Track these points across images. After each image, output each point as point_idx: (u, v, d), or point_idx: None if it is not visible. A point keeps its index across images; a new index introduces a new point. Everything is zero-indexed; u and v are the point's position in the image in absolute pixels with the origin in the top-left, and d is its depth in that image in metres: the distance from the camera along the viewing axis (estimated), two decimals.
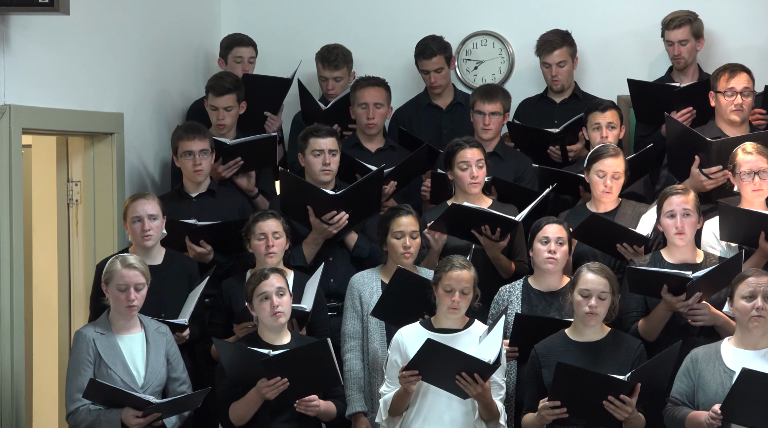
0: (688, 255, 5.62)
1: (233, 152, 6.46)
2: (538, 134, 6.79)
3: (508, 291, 5.69)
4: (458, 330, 5.32)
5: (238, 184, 6.55)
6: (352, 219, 6.07)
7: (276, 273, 5.38)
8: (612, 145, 6.10)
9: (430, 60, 7.12)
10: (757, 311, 4.99)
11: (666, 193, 5.66)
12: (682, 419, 5.02)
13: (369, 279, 5.86)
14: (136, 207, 5.72)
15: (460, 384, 5.10)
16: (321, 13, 7.69)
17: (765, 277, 5.04)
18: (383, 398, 5.31)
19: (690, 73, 6.95)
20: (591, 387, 4.98)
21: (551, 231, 5.61)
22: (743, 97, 6.27)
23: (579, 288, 5.22)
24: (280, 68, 7.23)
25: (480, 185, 6.10)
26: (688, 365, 5.10)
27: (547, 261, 5.57)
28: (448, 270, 5.29)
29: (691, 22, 6.89)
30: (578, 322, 5.27)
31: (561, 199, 6.48)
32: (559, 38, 7.03)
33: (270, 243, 5.75)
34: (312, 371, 5.20)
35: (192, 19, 7.51)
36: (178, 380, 5.39)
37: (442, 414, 5.24)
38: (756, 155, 5.77)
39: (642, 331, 5.53)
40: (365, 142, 6.75)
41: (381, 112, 6.72)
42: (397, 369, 5.23)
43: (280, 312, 5.32)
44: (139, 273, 5.28)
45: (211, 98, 6.61)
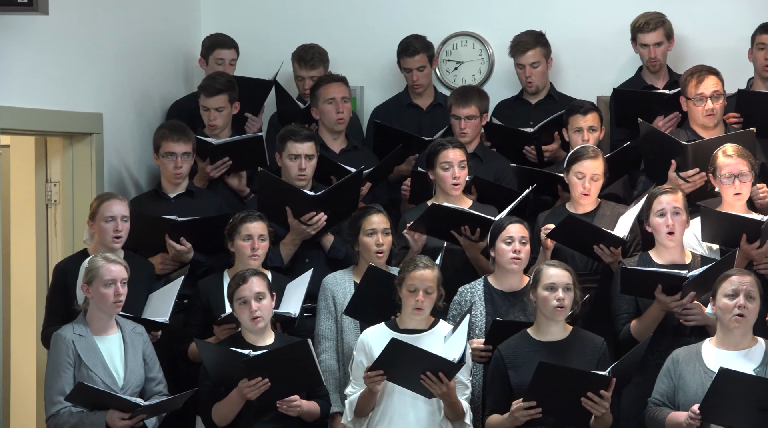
0: (676, 256, 5.64)
1: (219, 152, 6.45)
2: (513, 134, 6.80)
3: (469, 291, 5.68)
4: (423, 330, 5.31)
5: (230, 184, 6.56)
6: (330, 220, 6.08)
7: (257, 277, 5.37)
8: (592, 147, 6.10)
9: (412, 58, 7.13)
10: (739, 309, 5.01)
11: (654, 192, 5.67)
12: (662, 420, 5.03)
13: (342, 279, 5.87)
14: (111, 207, 5.69)
15: (425, 384, 5.09)
16: (301, 13, 7.69)
17: (748, 277, 5.06)
18: (349, 399, 5.29)
19: (661, 74, 6.97)
20: (571, 385, 4.99)
21: (514, 230, 5.61)
22: (713, 102, 6.28)
23: (544, 284, 5.21)
24: (260, 69, 7.23)
25: (461, 186, 6.11)
26: (669, 366, 5.12)
27: (512, 261, 5.57)
28: (412, 270, 5.28)
29: (664, 23, 6.91)
30: (542, 321, 5.27)
31: (540, 199, 6.49)
32: (533, 39, 7.04)
33: (255, 246, 5.75)
34: (293, 371, 5.20)
35: (171, 19, 7.49)
36: (154, 380, 5.37)
37: (407, 414, 5.23)
38: (736, 158, 5.79)
39: (635, 332, 5.55)
40: (329, 143, 6.74)
41: (348, 107, 6.73)
42: (362, 370, 5.23)
43: (258, 317, 5.31)
44: (123, 268, 5.28)
45: (202, 99, 6.60)
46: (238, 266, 5.78)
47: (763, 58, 6.69)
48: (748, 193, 5.83)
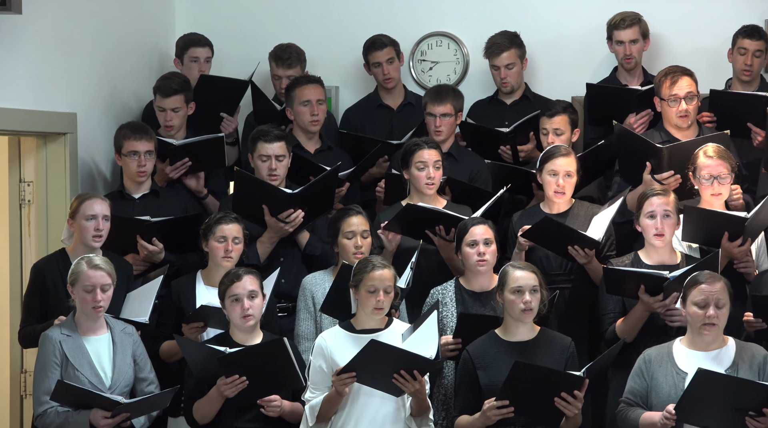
0: (665, 257, 5.66)
1: (180, 153, 6.44)
2: (489, 134, 6.81)
3: (440, 292, 5.70)
4: (380, 329, 5.30)
5: (187, 184, 6.53)
6: (306, 217, 6.08)
7: (250, 276, 5.36)
8: (563, 145, 6.13)
9: (381, 50, 7.13)
10: (709, 319, 5.02)
11: (646, 193, 5.68)
12: (635, 420, 5.04)
13: (321, 280, 5.87)
14: (93, 205, 5.68)
15: (397, 383, 5.09)
16: (276, 13, 7.68)
17: (718, 283, 5.06)
18: (309, 404, 5.23)
19: (636, 74, 7.00)
20: (545, 385, 5.01)
21: (478, 233, 5.62)
22: (687, 103, 6.30)
23: (510, 287, 5.22)
24: (235, 68, 7.23)
25: (436, 186, 6.12)
26: (641, 365, 5.13)
27: (477, 264, 5.59)
28: (370, 271, 5.25)
29: (640, 21, 6.94)
30: (510, 322, 5.28)
31: (515, 198, 6.51)
32: (507, 40, 7.05)
33: (229, 248, 5.75)
34: (270, 370, 5.19)
35: (146, 18, 7.47)
36: (145, 380, 5.38)
37: (375, 415, 5.21)
38: (716, 160, 5.81)
39: (620, 332, 5.57)
40: (304, 143, 6.73)
41: (323, 109, 6.73)
42: (321, 375, 5.22)
43: (250, 315, 5.30)
44: (105, 273, 5.27)
45: (158, 99, 6.58)
46: (211, 267, 5.79)
47: (743, 62, 6.72)
48: (726, 194, 5.86)
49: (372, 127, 7.15)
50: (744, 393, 4.83)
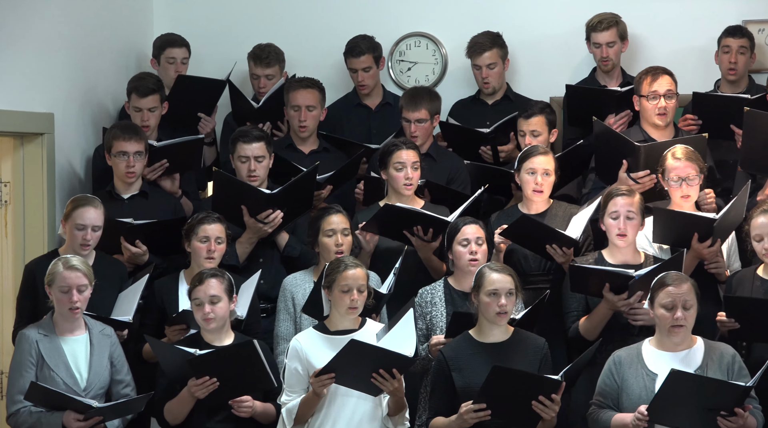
0: (629, 257, 5.68)
1: (159, 154, 6.42)
2: (469, 134, 6.82)
3: (429, 292, 5.70)
4: (354, 330, 5.30)
5: (162, 186, 6.51)
6: (286, 218, 6.08)
7: (214, 278, 5.35)
8: (541, 145, 6.15)
9: (358, 58, 7.13)
10: (676, 321, 5.04)
11: (611, 193, 5.70)
12: (606, 422, 5.05)
13: (302, 280, 5.87)
14: (84, 215, 5.68)
15: (375, 382, 5.09)
16: (254, 13, 7.68)
17: (684, 285, 5.07)
18: (286, 407, 5.23)
19: (615, 75, 7.01)
20: (523, 388, 5.01)
21: (470, 232, 5.63)
22: (666, 100, 6.32)
23: (486, 290, 5.22)
24: (214, 68, 7.21)
25: (414, 187, 6.13)
26: (611, 367, 5.14)
27: (469, 263, 5.59)
28: (343, 271, 5.25)
29: (617, 23, 6.96)
30: (484, 324, 5.27)
31: (493, 199, 6.51)
32: (489, 40, 7.06)
33: (212, 248, 5.75)
34: (241, 372, 5.19)
35: (124, 19, 7.46)
36: (122, 382, 5.38)
37: (352, 415, 5.21)
38: (684, 162, 5.83)
39: (583, 330, 5.58)
40: (299, 144, 6.74)
41: (313, 115, 6.71)
42: (297, 377, 5.22)
43: (210, 318, 5.30)
44: (82, 274, 5.27)
45: (134, 99, 6.56)
46: (193, 267, 5.78)
47: (727, 61, 6.76)
48: (695, 196, 5.88)
49: (350, 126, 7.16)
50: (716, 393, 4.85)
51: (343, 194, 6.66)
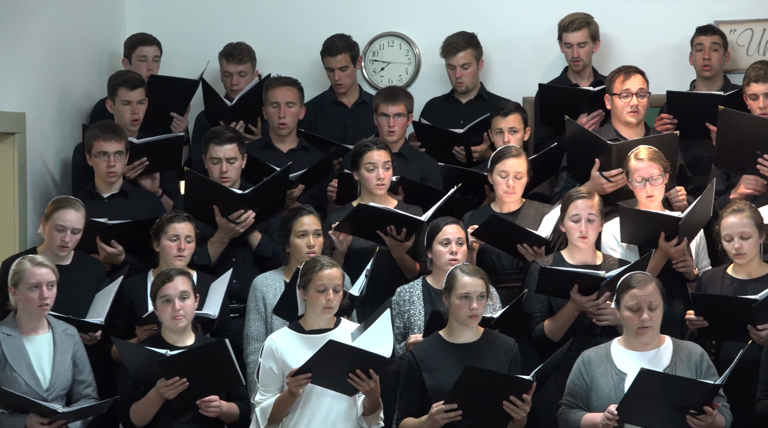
0: (588, 257, 5.71)
1: (139, 152, 6.41)
2: (443, 134, 6.83)
3: (408, 291, 5.71)
4: (329, 329, 5.30)
5: (142, 184, 6.49)
6: (258, 218, 6.08)
7: (182, 276, 5.35)
8: (514, 146, 6.16)
9: (334, 57, 7.13)
10: (643, 323, 5.05)
11: (571, 196, 5.72)
12: (576, 421, 5.06)
13: (272, 280, 5.87)
14: (65, 217, 5.67)
15: (352, 382, 5.10)
16: (227, 12, 7.67)
17: (649, 286, 5.09)
18: (260, 406, 5.23)
19: (586, 75, 7.03)
20: (495, 389, 5.02)
21: (451, 232, 5.65)
22: (639, 98, 6.35)
23: (458, 293, 5.23)
24: (186, 68, 7.22)
25: (386, 187, 6.13)
26: (580, 367, 5.15)
27: (449, 263, 5.59)
28: (319, 270, 5.25)
29: (589, 24, 6.98)
30: (454, 325, 5.28)
31: (466, 199, 6.52)
32: (464, 40, 7.08)
33: (181, 247, 5.73)
34: (211, 371, 5.18)
35: (96, 18, 7.44)
36: (83, 383, 5.35)
37: (326, 415, 5.22)
38: (647, 162, 5.86)
39: (548, 331, 5.59)
40: (277, 143, 6.73)
41: (293, 112, 6.71)
42: (271, 377, 5.21)
43: (180, 315, 5.29)
44: (50, 270, 5.25)
45: (123, 93, 6.54)
46: (162, 266, 5.76)
47: (701, 58, 6.80)
48: (660, 195, 5.91)
49: (326, 123, 7.16)
50: (686, 392, 4.88)
51: (321, 192, 6.68)
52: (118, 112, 6.58)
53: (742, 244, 5.50)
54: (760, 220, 5.56)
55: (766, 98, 6.26)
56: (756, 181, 6.11)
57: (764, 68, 6.29)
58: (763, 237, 5.56)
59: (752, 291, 5.44)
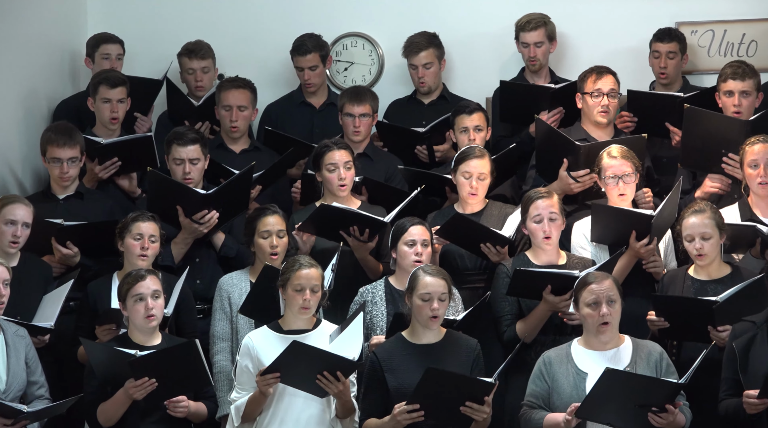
0: (553, 257, 5.72)
1: (108, 152, 6.38)
2: (405, 133, 6.84)
3: (370, 291, 5.71)
4: (308, 330, 5.31)
5: (120, 185, 6.49)
6: (221, 218, 6.07)
7: (152, 275, 5.34)
8: (478, 147, 6.17)
9: (304, 57, 7.13)
10: (603, 317, 5.08)
11: (530, 197, 5.73)
12: (539, 421, 5.07)
13: (238, 280, 5.86)
14: (15, 211, 5.63)
15: (320, 384, 5.10)
16: (190, 12, 7.65)
17: (606, 281, 5.12)
18: (235, 404, 5.25)
19: (543, 75, 7.06)
20: (457, 390, 5.02)
21: (416, 233, 5.65)
22: (610, 98, 6.39)
23: (419, 293, 5.23)
24: (149, 68, 7.19)
25: (348, 187, 6.13)
26: (541, 367, 5.16)
27: (414, 264, 5.59)
28: (297, 270, 5.27)
29: (546, 24, 7.01)
30: (416, 325, 5.29)
31: (429, 200, 6.53)
32: (426, 40, 7.10)
33: (145, 246, 5.71)
34: (180, 372, 5.17)
35: (57, 18, 7.40)
36: (36, 383, 5.32)
37: (299, 415, 5.22)
38: (620, 160, 5.89)
39: (520, 333, 5.60)
40: (230, 143, 6.73)
41: (245, 115, 6.70)
42: (247, 375, 5.22)
43: (153, 315, 5.29)
44: (5, 269, 5.23)
45: (103, 91, 6.53)
46: (126, 266, 5.74)
47: (658, 65, 6.86)
48: (632, 194, 5.94)
49: (292, 124, 7.15)
50: (649, 390, 4.91)
51: (276, 191, 6.68)
52: (99, 110, 6.57)
53: (703, 245, 5.52)
54: (721, 221, 5.59)
55: (742, 96, 6.30)
56: (721, 181, 6.15)
57: (742, 67, 6.33)
58: (723, 238, 5.59)
59: (713, 292, 5.47)
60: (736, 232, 5.70)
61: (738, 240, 5.75)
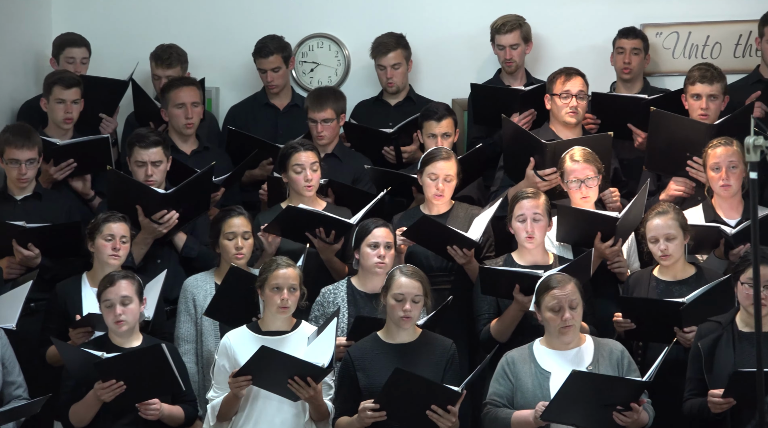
0: (538, 258, 5.73)
1: (64, 153, 6.35)
2: (372, 134, 6.84)
3: (332, 293, 5.70)
4: (286, 331, 5.32)
5: (74, 186, 6.45)
6: (182, 219, 6.05)
7: (125, 280, 5.33)
8: (444, 148, 6.17)
9: (266, 59, 7.12)
10: (565, 322, 5.10)
11: (517, 196, 5.74)
12: (506, 419, 5.08)
13: (203, 281, 5.85)
14: None
15: (292, 388, 5.10)
16: (156, 13, 7.62)
17: (568, 286, 5.14)
18: (211, 403, 5.28)
19: (519, 76, 7.08)
20: (422, 395, 5.01)
21: (380, 235, 5.64)
22: (578, 100, 6.41)
23: (393, 293, 5.24)
24: (114, 69, 7.15)
25: (314, 188, 6.12)
26: (504, 367, 5.18)
27: (376, 265, 5.60)
28: (274, 270, 5.28)
29: (521, 26, 7.03)
30: (391, 325, 5.30)
31: (396, 201, 6.53)
32: (394, 41, 7.10)
33: (117, 246, 5.69)
34: (148, 375, 5.16)
35: (22, 18, 7.36)
36: (14, 384, 5.32)
37: (272, 418, 5.24)
38: (582, 163, 5.91)
39: (494, 332, 5.61)
40: (180, 144, 6.69)
41: (198, 111, 6.69)
42: (225, 374, 5.22)
43: (122, 321, 5.27)
44: None
45: (57, 91, 6.49)
46: (96, 267, 5.73)
47: (622, 61, 6.88)
48: (595, 196, 5.96)
49: (256, 125, 7.13)
50: (616, 390, 4.94)
51: (245, 192, 6.66)
52: (52, 110, 6.53)
53: (668, 246, 5.56)
54: (685, 222, 5.63)
55: (709, 100, 6.33)
56: (685, 184, 6.19)
57: (710, 70, 6.36)
58: (687, 239, 5.63)
59: (678, 293, 5.50)
60: (700, 233, 5.74)
61: (702, 241, 5.78)
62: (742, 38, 7.11)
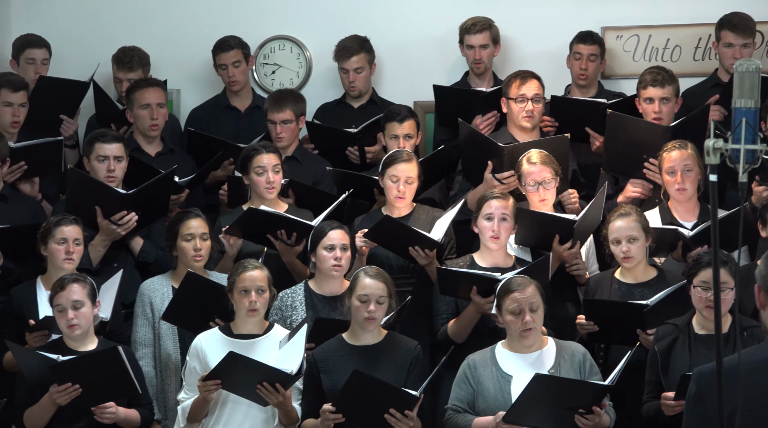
0: (500, 260, 5.74)
1: (17, 156, 6.30)
2: (336, 134, 6.84)
3: (290, 296, 5.68)
4: (258, 335, 5.31)
5: (22, 189, 6.39)
6: (141, 222, 6.02)
7: (76, 283, 5.29)
8: (406, 151, 6.18)
9: (227, 53, 7.10)
10: (525, 325, 5.10)
11: (486, 196, 5.75)
12: (467, 424, 5.07)
13: (160, 285, 5.83)
14: None
15: (261, 394, 5.10)
16: (117, 14, 7.58)
17: (529, 288, 5.14)
18: (181, 405, 5.27)
19: (487, 78, 7.09)
20: (381, 398, 5.01)
21: (335, 237, 5.62)
22: (534, 103, 6.42)
23: (357, 294, 5.23)
24: (75, 70, 7.10)
25: (276, 190, 6.11)
26: (466, 371, 5.18)
27: (333, 268, 5.59)
28: (241, 273, 5.29)
29: (491, 27, 7.04)
30: (355, 326, 5.29)
31: (357, 203, 6.53)
32: (357, 44, 7.10)
33: (70, 250, 5.65)
34: (104, 378, 5.14)
35: None
36: None
37: (242, 422, 5.23)
38: (539, 166, 5.93)
39: (451, 333, 5.62)
40: (145, 146, 6.67)
41: (163, 113, 6.66)
42: (196, 376, 5.21)
43: (74, 325, 5.25)
44: None
45: (5, 94, 6.45)
46: (51, 271, 5.69)
47: (578, 67, 6.89)
48: (552, 198, 5.98)
49: (218, 127, 7.11)
50: (578, 393, 4.96)
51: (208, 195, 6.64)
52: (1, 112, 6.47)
53: (630, 248, 5.58)
54: (647, 224, 5.65)
55: (662, 103, 6.36)
56: (642, 185, 6.22)
57: (662, 73, 6.38)
58: (649, 241, 5.66)
59: (640, 295, 5.53)
60: (659, 235, 5.77)
61: (660, 244, 5.82)
62: (702, 41, 7.15)
